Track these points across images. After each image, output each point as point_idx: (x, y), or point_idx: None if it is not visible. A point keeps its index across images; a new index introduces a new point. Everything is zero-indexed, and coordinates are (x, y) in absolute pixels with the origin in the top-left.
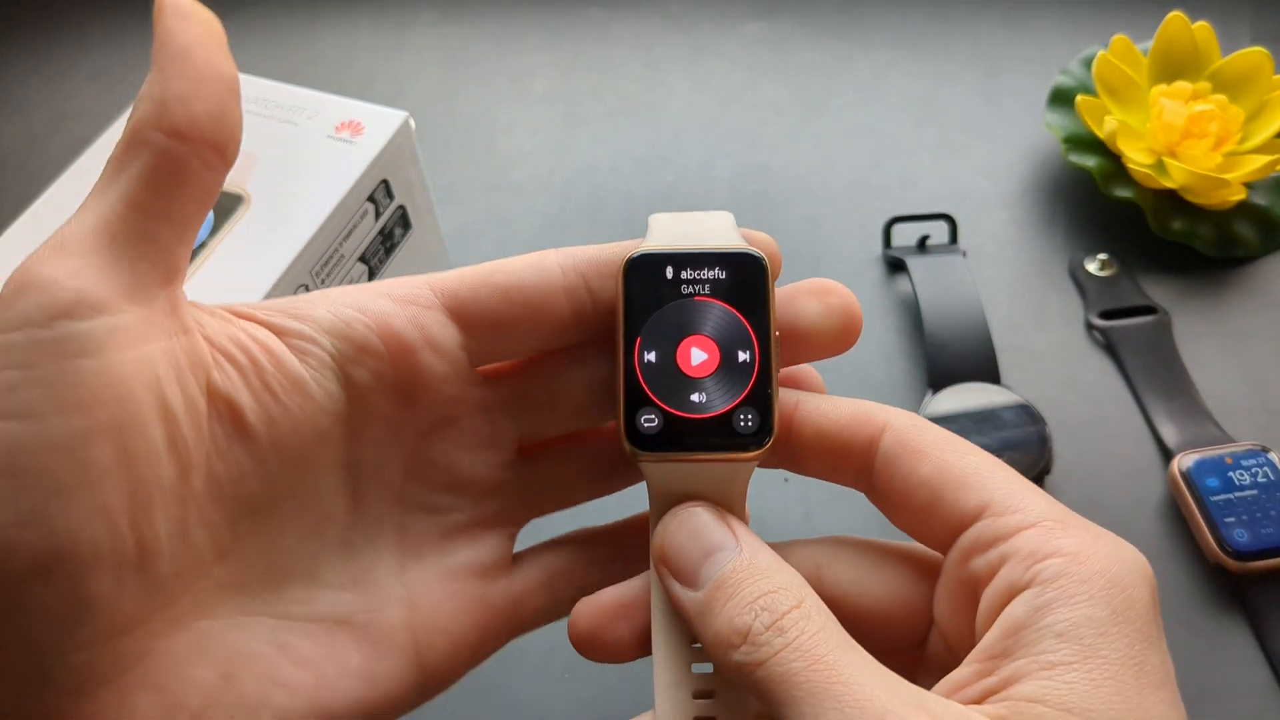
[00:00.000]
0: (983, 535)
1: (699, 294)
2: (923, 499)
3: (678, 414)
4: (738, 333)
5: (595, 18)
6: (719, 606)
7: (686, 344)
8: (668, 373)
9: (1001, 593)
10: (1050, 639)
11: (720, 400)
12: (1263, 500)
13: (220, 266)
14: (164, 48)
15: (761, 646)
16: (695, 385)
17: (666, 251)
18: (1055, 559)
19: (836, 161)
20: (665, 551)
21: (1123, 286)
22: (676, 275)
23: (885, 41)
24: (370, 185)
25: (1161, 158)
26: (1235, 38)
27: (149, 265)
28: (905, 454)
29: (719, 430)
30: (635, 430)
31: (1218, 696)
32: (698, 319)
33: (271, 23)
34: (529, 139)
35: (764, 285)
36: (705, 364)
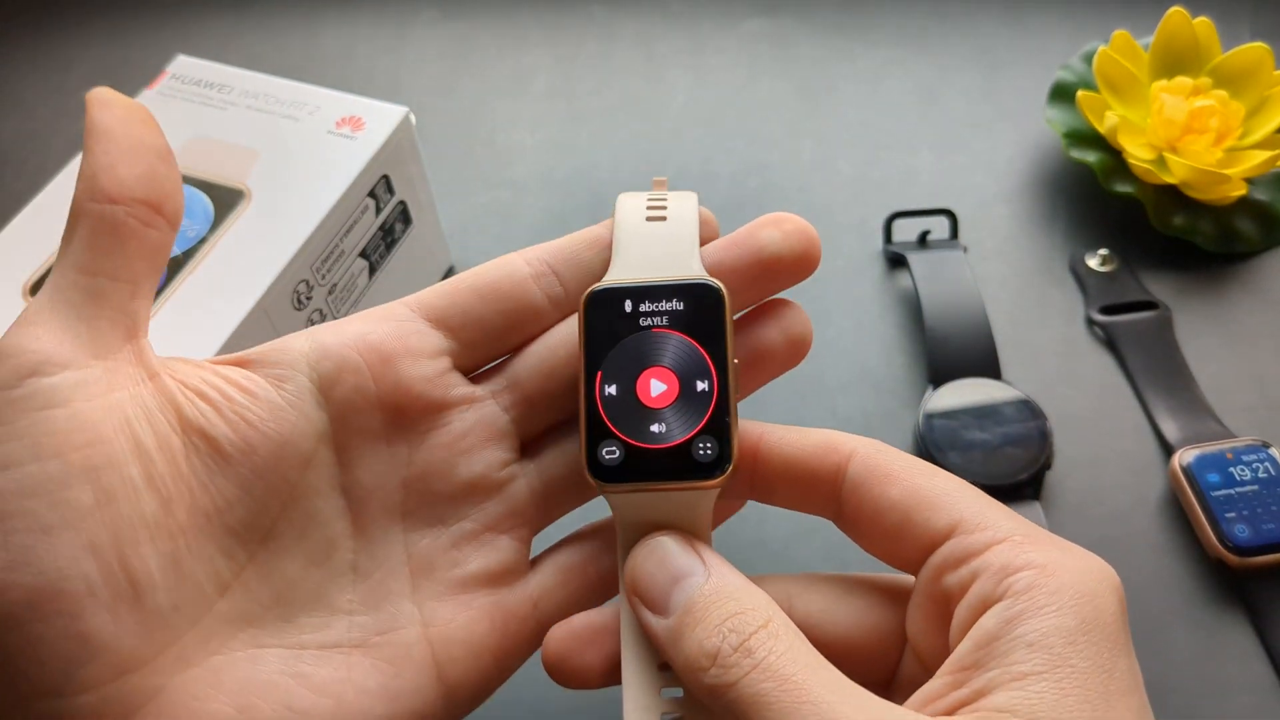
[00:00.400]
0: (954, 553)
1: (657, 325)
2: (893, 521)
3: (638, 445)
4: (695, 363)
5: (596, 14)
6: (688, 631)
7: (646, 375)
8: (628, 404)
9: (974, 607)
10: (1021, 649)
11: (679, 430)
12: (1263, 496)
13: (221, 262)
14: (90, 132)
15: (730, 668)
16: (655, 416)
17: (624, 286)
18: (1025, 572)
19: (837, 157)
20: (635, 580)
21: (1123, 282)
22: (635, 308)
23: (886, 37)
24: (371, 181)
25: (1162, 153)
26: (1236, 33)
27: (107, 323)
28: (873, 479)
29: (679, 460)
30: (598, 462)
31: (1218, 693)
32: (656, 351)
33: (272, 19)
34: (530, 135)
35: (721, 314)
36: (664, 395)
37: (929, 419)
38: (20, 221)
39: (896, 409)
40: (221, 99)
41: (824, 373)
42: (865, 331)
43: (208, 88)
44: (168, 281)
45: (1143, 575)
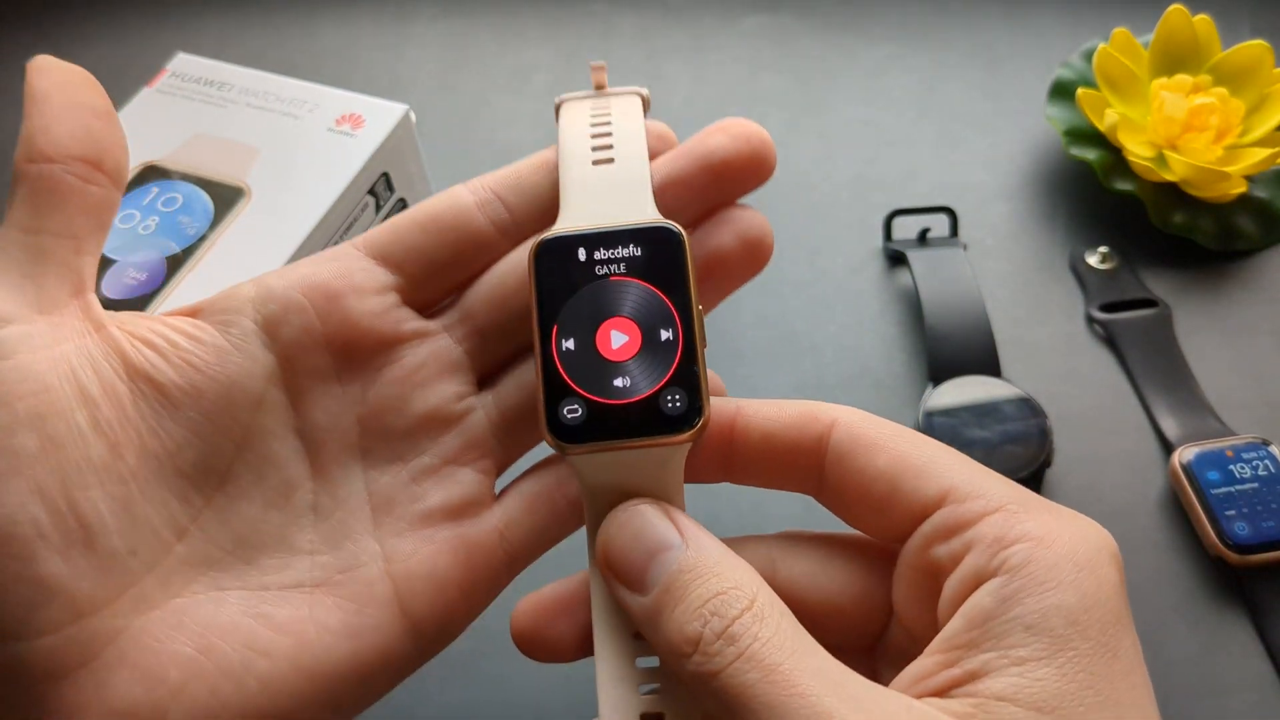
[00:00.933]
0: (945, 522)
1: (615, 273)
2: (880, 491)
3: (601, 401)
4: (658, 311)
5: (596, 11)
6: (667, 611)
7: (605, 327)
8: (588, 359)
9: (967, 581)
10: (1019, 632)
11: (645, 383)
12: (1263, 493)
13: (221, 259)
14: (28, 98)
15: (714, 656)
16: (617, 370)
17: (575, 234)
18: (1021, 544)
19: (837, 155)
20: (608, 555)
21: (1123, 280)
22: (590, 256)
23: (886, 35)
24: (371, 178)
25: (1162, 151)
26: (1236, 31)
27: (53, 278)
28: (858, 448)
29: (646, 414)
30: (559, 422)
31: (1218, 690)
32: (615, 300)
33: (272, 16)
34: (530, 132)
35: (681, 258)
36: (626, 346)
37: (929, 417)
38: None
39: (897, 407)
40: (221, 97)
41: (824, 370)
42: (865, 329)
43: (207, 85)
44: (167, 279)
45: (1143, 573)
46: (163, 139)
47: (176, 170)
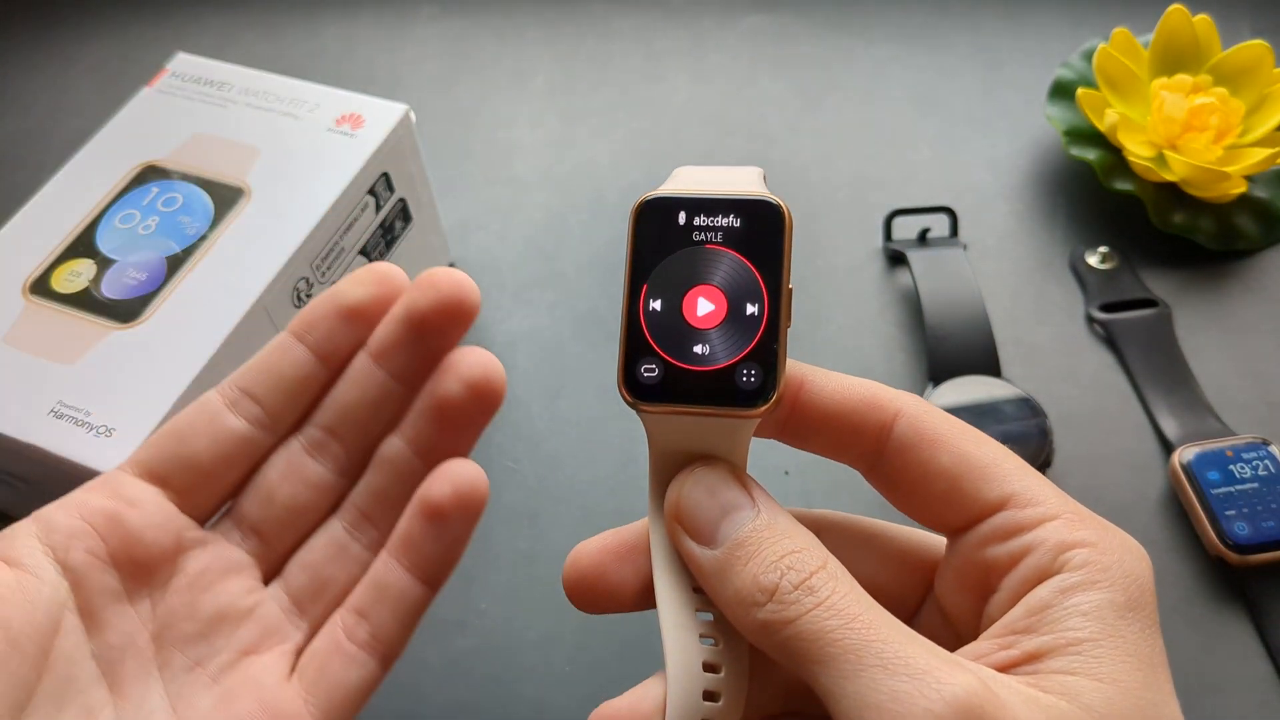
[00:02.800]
0: (1005, 525)
1: (710, 242)
2: (940, 488)
3: (679, 365)
4: (748, 284)
5: (596, 11)
6: (740, 565)
7: (693, 294)
8: (672, 322)
9: (1028, 579)
10: (1075, 617)
11: (724, 354)
12: (1263, 493)
13: (221, 259)
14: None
15: (791, 605)
16: (699, 336)
17: (679, 195)
18: (1080, 549)
19: (837, 154)
20: (681, 508)
21: (1123, 279)
22: (689, 221)
23: (886, 34)
24: (371, 178)
25: (1162, 151)
26: (1236, 31)
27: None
28: (922, 442)
29: (721, 385)
30: (635, 380)
31: (1219, 689)
32: (707, 268)
33: (272, 16)
34: (529, 132)
35: (779, 236)
36: (711, 315)
37: None
38: (20, 220)
39: None
40: (221, 96)
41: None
42: (865, 329)
43: (207, 85)
44: (167, 279)
45: None
46: (163, 139)
47: (176, 170)
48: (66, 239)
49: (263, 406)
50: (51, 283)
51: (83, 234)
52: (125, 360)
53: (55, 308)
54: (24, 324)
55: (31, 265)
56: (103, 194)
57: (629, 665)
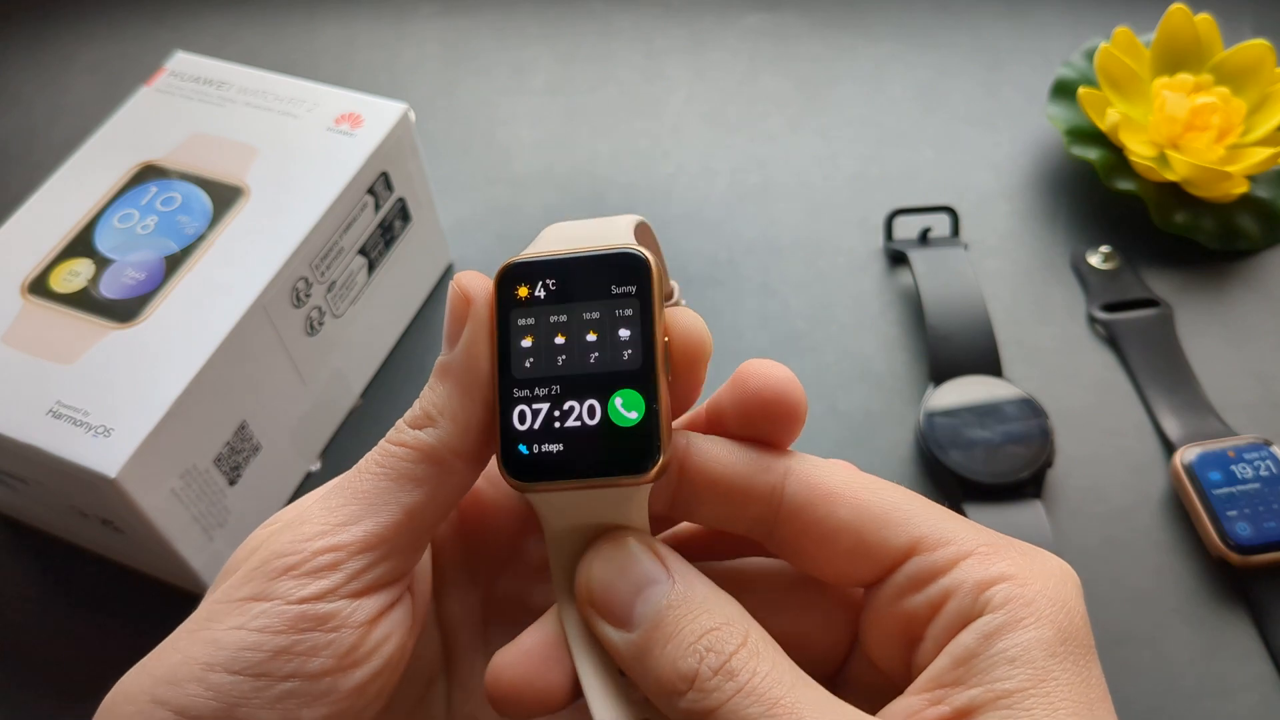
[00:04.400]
0: (917, 572)
1: (578, 298)
2: (844, 544)
3: (558, 438)
4: (619, 343)
5: (596, 9)
6: (658, 649)
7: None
8: (548, 393)
9: (952, 626)
10: (1003, 665)
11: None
12: (1265, 494)
13: (220, 259)
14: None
15: (711, 693)
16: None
17: (536, 260)
18: (1000, 584)
19: (837, 154)
20: (591, 591)
21: (1125, 279)
22: (555, 283)
23: (887, 33)
24: (370, 177)
25: (1164, 150)
26: (1238, 30)
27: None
28: (816, 499)
29: (606, 452)
30: (516, 461)
31: (1220, 691)
32: (578, 330)
33: (271, 14)
34: (529, 131)
35: (647, 289)
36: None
37: (930, 417)
38: (18, 219)
39: (898, 406)
40: (220, 96)
41: (825, 370)
42: (866, 329)
43: (206, 84)
44: (166, 279)
45: (1144, 574)
46: (161, 138)
47: (175, 170)
48: (65, 238)
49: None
50: (50, 282)
51: (81, 233)
52: (124, 360)
53: (54, 307)
54: (22, 324)
55: (30, 265)
56: (101, 193)
57: None
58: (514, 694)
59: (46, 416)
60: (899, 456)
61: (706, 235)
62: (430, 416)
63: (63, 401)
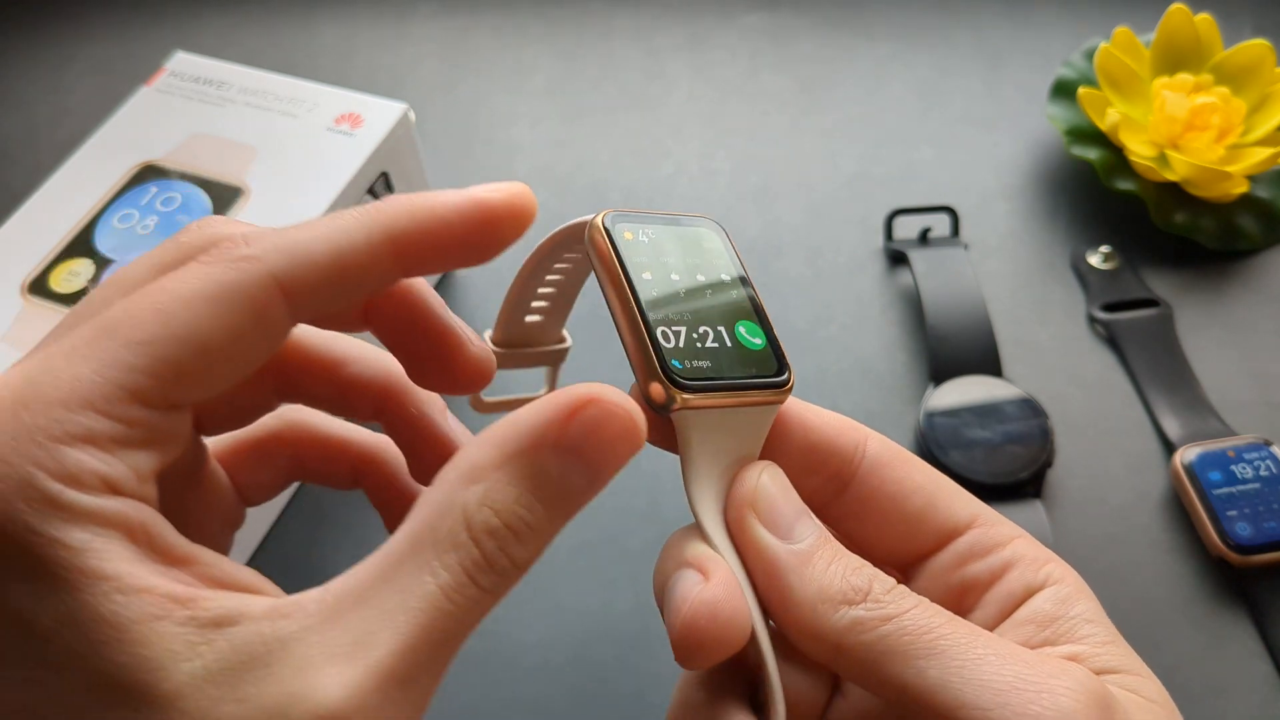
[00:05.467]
0: (981, 542)
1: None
2: (916, 505)
3: (705, 351)
4: (730, 270)
5: (596, 9)
6: (823, 565)
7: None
8: (681, 314)
9: (1016, 593)
10: (1085, 625)
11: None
12: (1265, 494)
13: None
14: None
15: (889, 604)
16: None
17: (637, 212)
18: (1050, 564)
19: (837, 154)
20: (758, 498)
21: (1125, 279)
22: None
23: (887, 33)
24: (370, 177)
25: (1164, 150)
26: (1237, 30)
27: None
28: (896, 461)
29: (749, 364)
30: (673, 373)
31: (1220, 690)
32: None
33: (271, 14)
34: (529, 131)
35: (732, 246)
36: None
37: (930, 417)
38: (18, 219)
39: (898, 406)
40: (220, 95)
41: (825, 370)
42: (866, 329)
43: (206, 84)
44: None
45: (1144, 573)
46: (161, 138)
47: (175, 170)
48: (65, 239)
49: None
50: (50, 282)
51: (81, 233)
52: None
53: (54, 307)
54: (22, 324)
55: (30, 265)
56: (101, 193)
57: (626, 664)
58: (721, 634)
59: None
60: None
61: None
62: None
63: None
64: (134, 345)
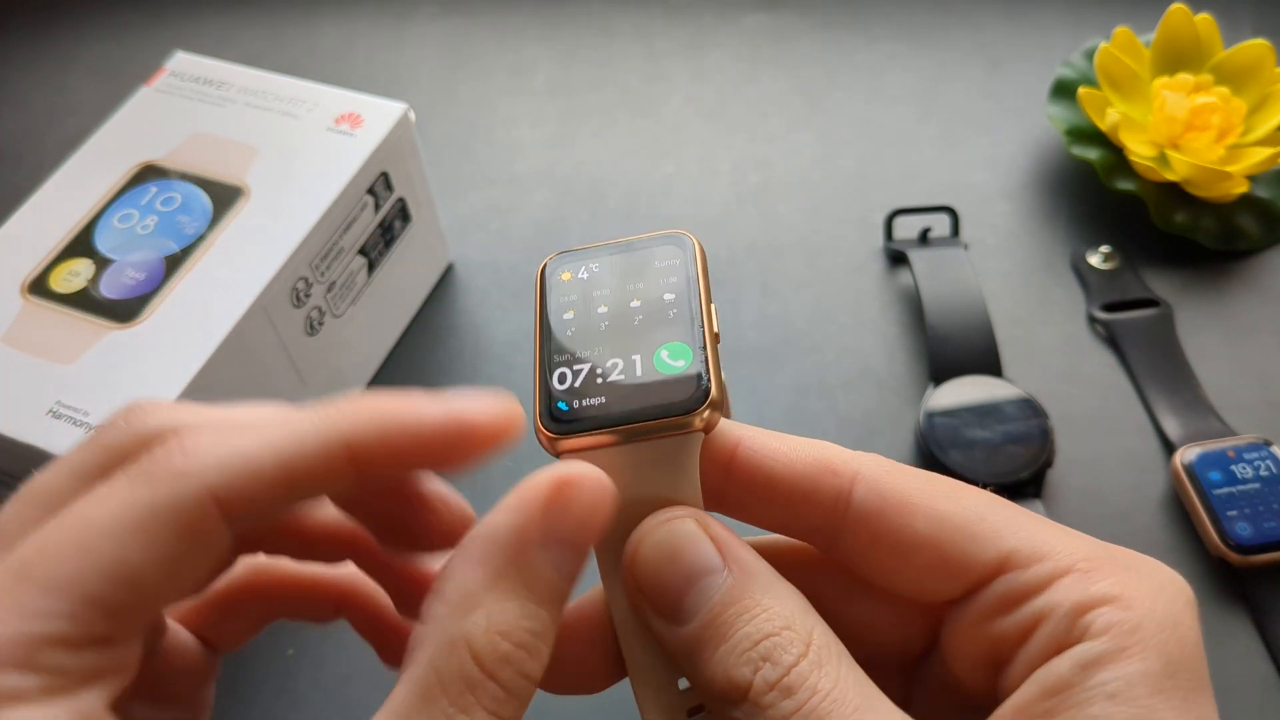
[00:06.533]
0: (1008, 592)
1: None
2: (922, 560)
3: (600, 381)
4: (668, 278)
5: (596, 9)
6: (710, 650)
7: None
8: (587, 336)
9: (1045, 651)
10: (1102, 701)
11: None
12: (1265, 494)
13: (219, 259)
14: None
15: (766, 709)
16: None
17: (579, 250)
18: (1102, 609)
19: (837, 154)
20: (639, 579)
21: (1125, 279)
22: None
23: (887, 33)
24: (370, 178)
25: (1164, 150)
26: (1237, 30)
27: None
28: (888, 509)
29: (651, 393)
30: (554, 416)
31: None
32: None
33: (271, 15)
34: (529, 131)
35: (692, 259)
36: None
37: (930, 417)
38: (18, 219)
39: (898, 407)
40: (220, 96)
41: (825, 370)
42: (866, 329)
43: (206, 84)
44: (166, 279)
45: None
46: (161, 138)
47: (175, 170)
48: (65, 239)
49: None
50: (50, 282)
51: (81, 234)
52: (124, 360)
53: (53, 308)
54: (22, 324)
55: (30, 265)
56: (101, 193)
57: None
58: (551, 672)
59: (46, 417)
60: (899, 457)
61: (706, 235)
62: None
63: (62, 402)
64: (52, 590)
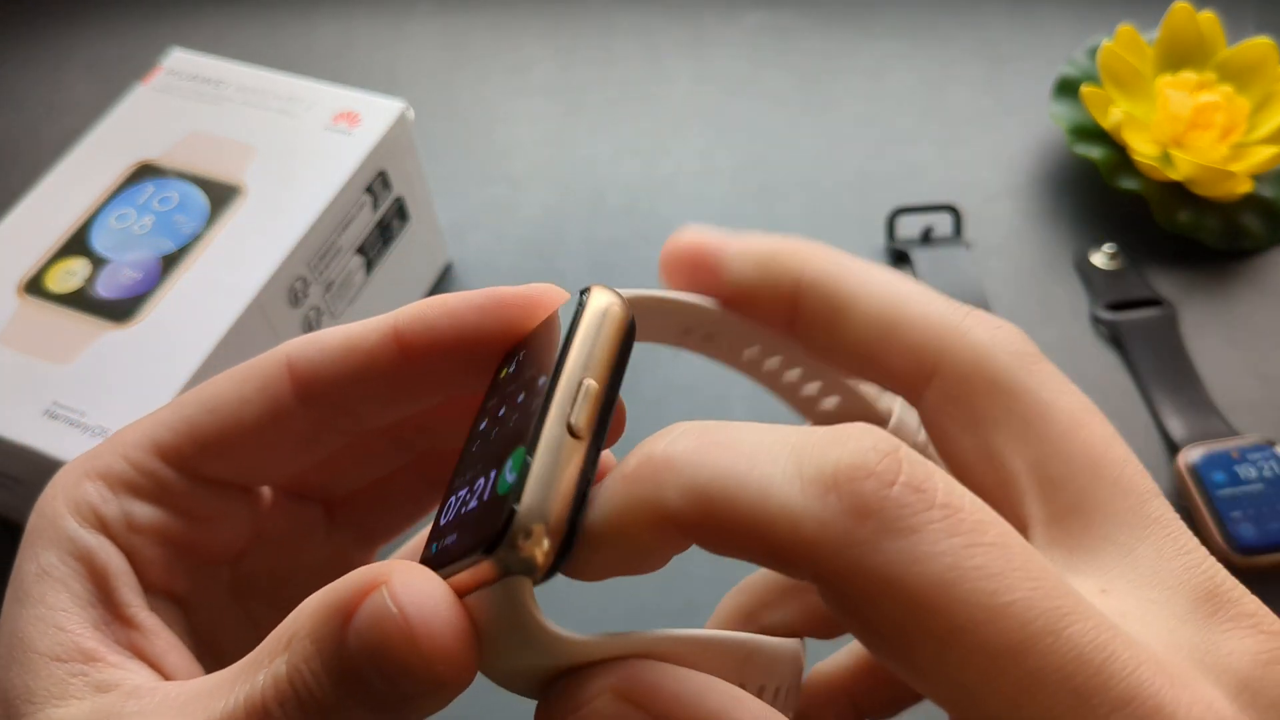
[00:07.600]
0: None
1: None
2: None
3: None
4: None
5: (595, 7)
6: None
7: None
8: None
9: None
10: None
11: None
12: (1269, 495)
13: (217, 258)
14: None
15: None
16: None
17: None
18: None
19: (839, 152)
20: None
21: (1128, 279)
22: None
23: (889, 31)
24: (368, 176)
25: (1167, 149)
26: (1241, 28)
27: None
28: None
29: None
30: (427, 561)
31: None
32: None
33: (269, 12)
34: (528, 129)
35: (563, 334)
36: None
37: None
38: (13, 218)
39: None
40: (216, 94)
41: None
42: None
43: (203, 82)
44: (162, 278)
45: None
46: (158, 137)
47: (172, 168)
48: (61, 238)
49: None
50: (46, 282)
51: (77, 233)
52: (120, 360)
53: (50, 307)
54: (18, 323)
55: (26, 264)
56: (97, 192)
57: None
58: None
59: (42, 417)
60: None
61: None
62: None
63: (59, 402)
64: (175, 404)
